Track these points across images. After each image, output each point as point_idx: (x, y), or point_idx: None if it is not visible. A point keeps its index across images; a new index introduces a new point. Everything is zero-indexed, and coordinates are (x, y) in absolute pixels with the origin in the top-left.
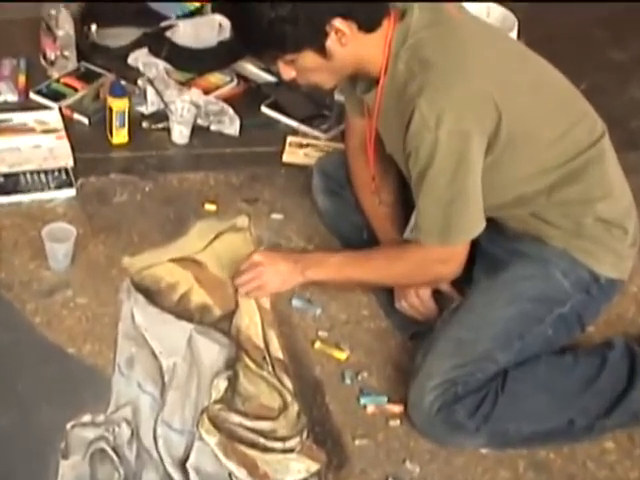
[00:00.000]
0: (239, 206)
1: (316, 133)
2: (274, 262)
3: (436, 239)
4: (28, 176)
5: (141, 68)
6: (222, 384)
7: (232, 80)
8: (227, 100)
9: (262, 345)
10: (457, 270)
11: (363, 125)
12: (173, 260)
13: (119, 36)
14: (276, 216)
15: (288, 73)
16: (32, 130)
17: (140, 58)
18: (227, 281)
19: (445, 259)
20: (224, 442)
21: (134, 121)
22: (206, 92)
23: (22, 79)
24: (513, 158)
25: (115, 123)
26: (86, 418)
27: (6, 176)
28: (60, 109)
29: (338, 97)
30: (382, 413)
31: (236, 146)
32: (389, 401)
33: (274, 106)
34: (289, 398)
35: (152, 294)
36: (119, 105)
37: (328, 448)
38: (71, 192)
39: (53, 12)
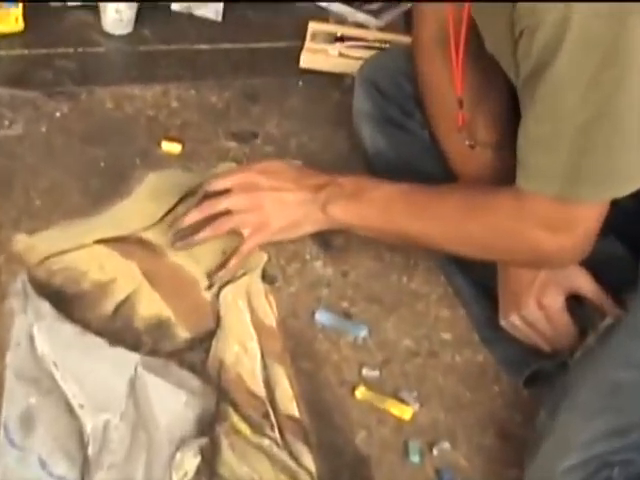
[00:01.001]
0: (222, 145)
1: (360, 17)
2: (282, 183)
3: (555, 187)
4: None
5: None
6: (190, 462)
7: None
8: None
9: (263, 392)
10: (575, 252)
11: (444, 8)
12: (105, 241)
13: None
14: (294, 162)
15: None
16: None
17: None
18: (201, 279)
19: (558, 225)
20: None
21: None
22: None
23: None
24: None
25: None
26: None
27: None
28: None
29: None
30: None
31: (219, 39)
32: None
33: None
34: None
35: (68, 301)
36: None
37: None
38: None
39: None
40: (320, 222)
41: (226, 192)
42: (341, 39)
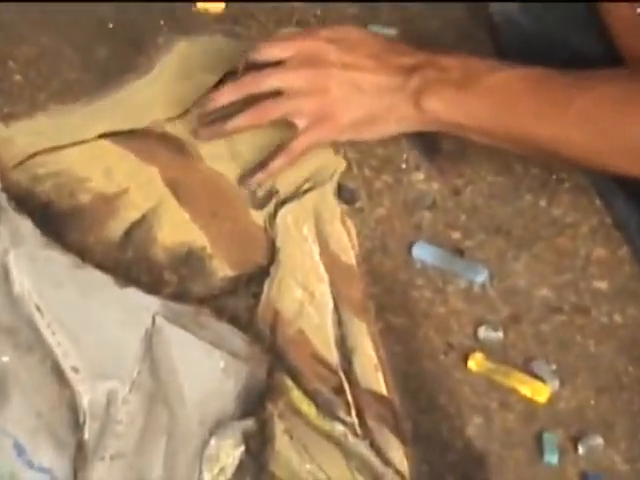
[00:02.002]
0: (284, 4)
1: None
2: (360, 59)
3: None
4: None
5: None
6: (229, 453)
7: None
8: None
9: (335, 358)
10: None
11: None
12: (113, 135)
13: None
14: (385, 31)
15: None
16: None
17: None
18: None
19: None
20: None
21: None
22: None
23: None
24: None
25: None
26: None
27: None
28: None
29: None
30: None
31: None
32: None
33: None
34: None
35: (59, 220)
36: None
37: None
38: None
39: None
40: (410, 119)
41: (279, 64)
42: None
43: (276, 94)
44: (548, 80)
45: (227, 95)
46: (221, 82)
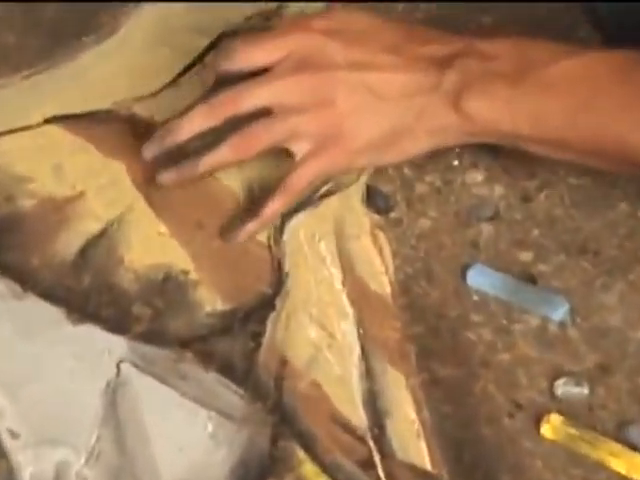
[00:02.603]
0: None
1: None
2: (373, 55)
3: None
4: None
5: None
6: None
7: None
8: None
9: (363, 420)
10: None
11: None
12: (66, 119)
13: None
14: None
15: None
16: None
17: None
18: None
19: None
20: None
21: None
22: None
23: None
24: None
25: None
26: None
27: None
28: None
29: None
30: None
31: None
32: None
33: None
34: None
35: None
36: None
37: None
38: None
39: None
40: (448, 129)
41: (263, 73)
42: None
43: (264, 114)
44: (637, 66)
45: (196, 122)
46: (212, 47)
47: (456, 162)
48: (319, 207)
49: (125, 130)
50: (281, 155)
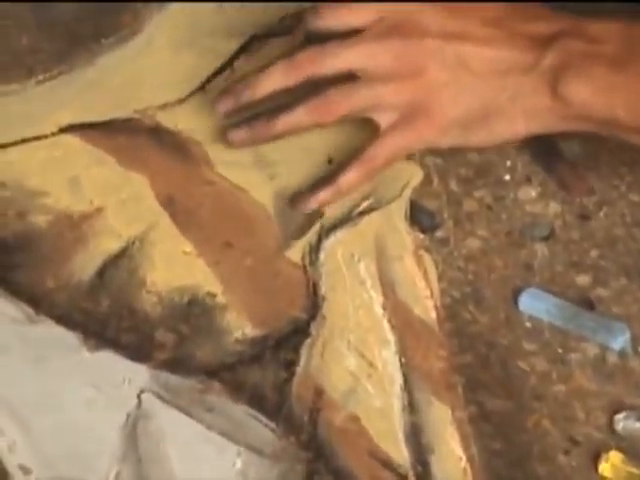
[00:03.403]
0: None
1: None
2: (471, 26)
3: None
4: None
5: None
6: None
7: None
8: None
9: (406, 456)
10: None
11: None
12: (84, 128)
13: None
14: None
15: None
16: None
17: None
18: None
19: None
20: None
21: None
22: None
23: None
24: None
25: None
26: None
27: None
28: None
29: None
30: None
31: None
32: None
33: None
34: None
35: (2, 252)
36: None
37: None
38: None
39: None
40: (543, 113)
41: (351, 35)
42: None
43: (347, 79)
44: None
45: (275, 79)
46: (243, 51)
47: (508, 176)
48: (359, 225)
49: (148, 141)
50: (318, 164)
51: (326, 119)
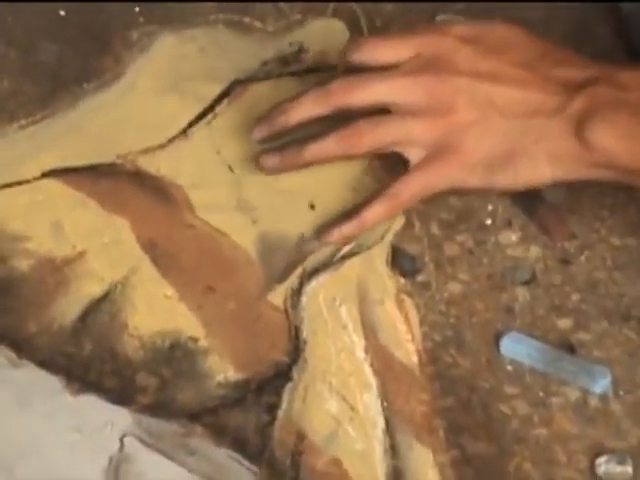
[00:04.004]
0: None
1: None
2: (504, 66)
3: None
4: None
5: None
6: None
7: None
8: None
9: None
10: None
11: None
12: (66, 173)
13: None
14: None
15: None
16: None
17: None
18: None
19: None
20: None
21: None
22: None
23: None
24: None
25: None
26: None
27: None
28: None
29: None
30: None
31: None
32: None
33: None
34: None
35: None
36: None
37: None
38: None
39: None
40: (568, 158)
41: (386, 70)
42: None
43: (378, 113)
44: None
45: (308, 106)
46: (225, 96)
47: (489, 221)
48: (340, 269)
49: (130, 185)
50: (300, 208)
51: (355, 150)
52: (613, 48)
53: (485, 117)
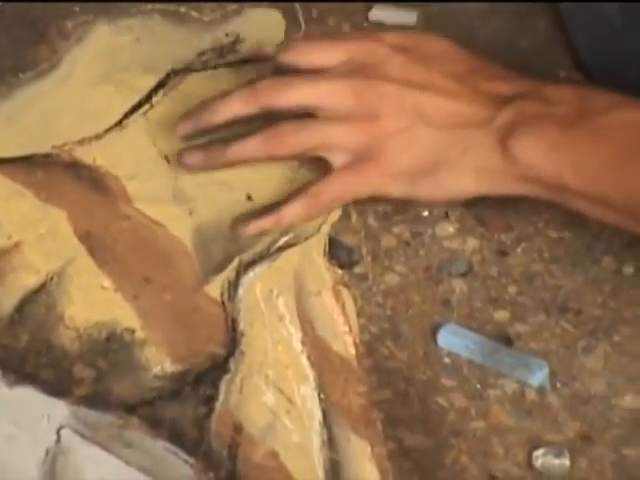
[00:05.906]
0: None
1: None
2: (435, 76)
3: None
4: None
5: None
6: None
7: None
8: None
9: None
10: None
11: None
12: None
13: None
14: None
15: None
16: None
17: None
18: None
19: None
20: None
21: None
22: None
23: None
24: None
25: None
26: None
27: None
28: None
29: None
30: None
31: None
32: None
33: None
34: None
35: None
36: None
37: None
38: None
39: None
40: (492, 171)
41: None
42: None
43: (304, 116)
44: None
45: (234, 105)
46: (161, 87)
47: (426, 212)
48: (277, 260)
49: (66, 175)
50: (237, 200)
51: (277, 151)
52: (551, 41)
53: (412, 126)
